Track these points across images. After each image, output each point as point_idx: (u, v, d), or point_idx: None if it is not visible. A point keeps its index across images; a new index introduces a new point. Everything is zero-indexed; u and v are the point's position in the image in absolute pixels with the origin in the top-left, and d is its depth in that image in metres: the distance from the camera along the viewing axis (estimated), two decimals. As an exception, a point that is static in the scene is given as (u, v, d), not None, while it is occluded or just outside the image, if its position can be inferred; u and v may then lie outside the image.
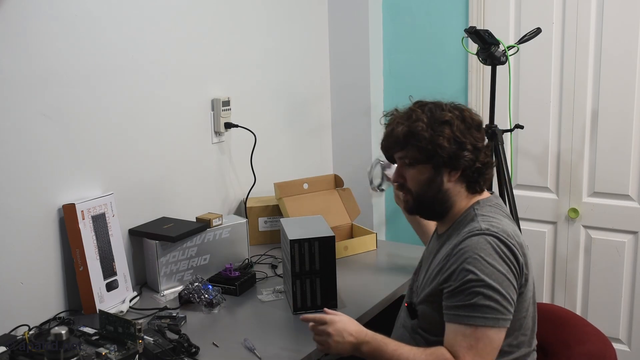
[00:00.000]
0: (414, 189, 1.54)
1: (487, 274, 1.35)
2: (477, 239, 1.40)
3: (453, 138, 1.46)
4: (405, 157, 1.53)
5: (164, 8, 2.13)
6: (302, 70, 2.87)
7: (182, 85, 2.24)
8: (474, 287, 1.35)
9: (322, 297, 1.85)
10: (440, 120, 1.48)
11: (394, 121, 1.55)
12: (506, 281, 1.36)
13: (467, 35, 2.25)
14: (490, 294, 1.34)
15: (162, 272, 2.03)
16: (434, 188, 1.51)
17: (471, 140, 1.48)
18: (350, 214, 2.58)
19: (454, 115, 1.49)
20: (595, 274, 2.66)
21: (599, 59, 2.51)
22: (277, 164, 2.74)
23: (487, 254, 1.37)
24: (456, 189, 1.52)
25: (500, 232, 1.41)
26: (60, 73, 1.81)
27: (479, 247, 1.38)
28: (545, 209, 2.73)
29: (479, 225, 1.43)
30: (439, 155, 1.46)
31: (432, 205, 1.54)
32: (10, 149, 1.70)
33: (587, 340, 1.54)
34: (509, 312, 1.36)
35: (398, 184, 1.59)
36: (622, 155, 2.52)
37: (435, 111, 1.50)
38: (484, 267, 1.36)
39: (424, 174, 1.51)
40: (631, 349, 2.63)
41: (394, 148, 1.56)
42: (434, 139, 1.46)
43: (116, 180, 2.01)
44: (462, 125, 1.48)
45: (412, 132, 1.48)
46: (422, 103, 1.55)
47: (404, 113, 1.54)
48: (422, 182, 1.51)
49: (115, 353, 1.49)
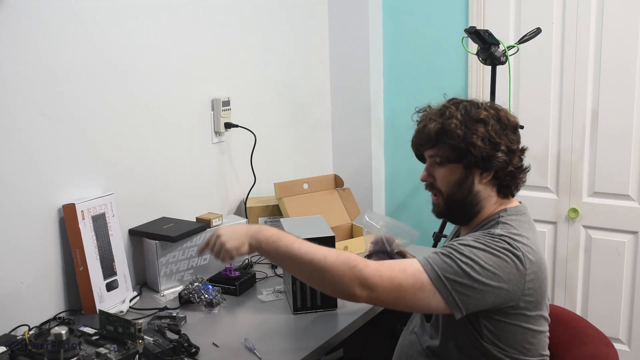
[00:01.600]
0: (444, 189, 1.47)
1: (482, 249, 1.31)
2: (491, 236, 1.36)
3: (487, 138, 1.40)
4: (436, 155, 1.47)
5: (164, 8, 2.13)
6: (302, 70, 2.87)
7: (182, 85, 2.24)
8: (450, 248, 1.33)
9: (322, 297, 1.85)
10: (475, 119, 1.42)
11: (426, 117, 1.49)
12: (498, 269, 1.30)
13: (467, 35, 2.25)
14: (455, 257, 1.30)
15: (162, 272, 2.03)
16: (464, 189, 1.45)
17: (506, 142, 1.42)
18: (350, 214, 2.58)
19: (489, 114, 1.43)
20: (595, 274, 2.66)
21: (599, 59, 2.51)
22: (277, 164, 2.74)
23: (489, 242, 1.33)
24: (486, 192, 1.46)
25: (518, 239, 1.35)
26: (60, 73, 1.81)
27: (478, 234, 1.36)
28: (545, 209, 2.73)
29: (494, 231, 1.38)
30: (472, 155, 1.40)
31: (462, 207, 1.47)
32: (10, 149, 1.70)
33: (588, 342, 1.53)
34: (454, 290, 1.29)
35: (427, 183, 1.53)
36: (622, 155, 2.52)
37: (470, 109, 1.44)
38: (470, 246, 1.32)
39: (455, 174, 1.45)
40: (631, 349, 2.63)
41: (425, 145, 1.49)
42: (467, 138, 1.40)
43: (116, 180, 2.01)
44: (497, 126, 1.42)
45: (445, 129, 1.43)
46: (456, 100, 1.50)
47: (437, 109, 1.49)
48: (453, 182, 1.45)
49: (115, 353, 1.49)
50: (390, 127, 3.06)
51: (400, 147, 3.04)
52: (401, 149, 3.04)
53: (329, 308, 1.86)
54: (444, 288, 1.29)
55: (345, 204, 2.60)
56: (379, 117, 3.04)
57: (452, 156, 1.43)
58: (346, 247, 2.36)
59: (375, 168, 3.05)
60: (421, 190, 3.04)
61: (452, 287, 1.29)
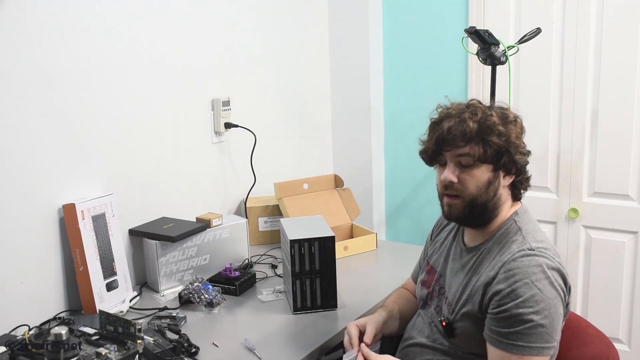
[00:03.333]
0: (471, 190, 1.41)
1: (537, 300, 1.29)
2: (529, 260, 1.33)
3: (519, 135, 1.43)
4: (467, 155, 1.39)
5: (164, 8, 2.13)
6: (302, 70, 2.88)
7: (182, 85, 2.24)
8: (522, 314, 1.29)
9: (322, 297, 1.85)
10: (508, 119, 1.42)
11: (458, 115, 1.42)
12: (554, 308, 1.30)
13: (467, 35, 2.25)
14: (537, 322, 1.28)
15: (162, 272, 2.03)
16: (491, 191, 1.41)
17: (524, 145, 1.45)
18: (350, 214, 2.59)
19: (515, 116, 1.45)
20: (595, 274, 2.66)
21: (599, 59, 2.51)
22: (277, 164, 2.74)
23: (538, 279, 1.30)
24: (505, 195, 1.45)
25: (550, 253, 1.35)
26: (60, 73, 1.81)
27: (531, 271, 1.31)
28: (545, 209, 2.73)
29: (528, 244, 1.37)
30: (506, 155, 1.39)
31: (484, 210, 1.43)
32: (11, 149, 1.70)
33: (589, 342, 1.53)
34: (554, 340, 1.31)
35: (445, 186, 1.44)
36: (622, 155, 2.52)
37: (499, 110, 1.44)
38: (534, 293, 1.29)
39: (485, 175, 1.40)
40: (631, 349, 2.63)
41: (455, 144, 1.40)
42: (506, 136, 1.39)
43: (116, 180, 2.01)
44: (520, 129, 1.45)
45: (487, 126, 1.39)
46: (478, 101, 1.47)
47: (465, 108, 1.44)
48: (482, 183, 1.41)
49: (115, 353, 1.49)
50: (390, 127, 3.06)
51: (400, 147, 3.04)
52: (401, 149, 3.04)
53: (329, 308, 1.86)
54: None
55: (345, 204, 2.60)
56: (379, 117, 3.04)
57: (486, 156, 1.39)
58: (346, 247, 2.36)
59: (375, 168, 3.05)
60: (421, 190, 3.06)
61: None
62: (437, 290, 1.57)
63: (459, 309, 1.44)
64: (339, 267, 1.90)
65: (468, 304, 1.42)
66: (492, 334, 1.34)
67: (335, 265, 1.84)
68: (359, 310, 1.85)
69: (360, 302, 1.90)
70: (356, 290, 2.01)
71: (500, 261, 1.38)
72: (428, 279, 1.62)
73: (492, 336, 1.34)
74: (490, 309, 1.35)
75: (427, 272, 1.64)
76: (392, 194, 3.13)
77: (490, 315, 1.35)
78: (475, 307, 1.39)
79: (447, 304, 1.50)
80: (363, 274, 2.20)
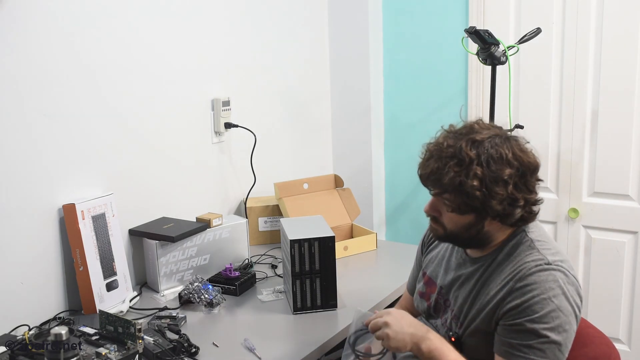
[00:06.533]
0: (451, 229, 1.39)
1: (553, 317, 1.27)
2: (546, 275, 1.29)
3: (507, 197, 1.30)
4: (445, 200, 1.35)
5: (164, 8, 2.13)
6: (302, 70, 2.87)
7: (182, 85, 2.24)
8: (537, 330, 1.27)
9: (322, 297, 1.85)
10: (497, 178, 1.29)
11: (439, 159, 1.33)
12: (568, 325, 1.29)
13: (467, 35, 2.25)
14: (552, 338, 1.26)
15: (162, 272, 2.03)
16: (472, 232, 1.37)
17: (525, 194, 1.32)
18: (350, 214, 2.59)
19: (513, 171, 1.30)
20: (595, 274, 2.66)
21: (599, 59, 2.51)
22: (277, 164, 2.74)
23: (556, 295, 1.28)
24: (496, 228, 1.38)
25: (566, 266, 1.32)
26: (60, 73, 1.81)
27: (549, 286, 1.28)
28: (545, 209, 2.71)
29: (545, 258, 1.32)
30: (489, 208, 1.31)
31: (467, 244, 1.43)
32: (10, 149, 1.70)
33: (590, 343, 1.53)
34: (564, 356, 1.29)
35: (431, 216, 1.43)
36: (622, 155, 2.52)
37: (493, 163, 1.29)
38: (551, 309, 1.27)
39: (464, 220, 1.35)
40: (631, 349, 2.63)
41: (433, 187, 1.37)
42: (485, 201, 1.29)
43: (116, 180, 2.01)
44: (519, 181, 1.31)
45: (462, 188, 1.30)
46: (478, 140, 1.32)
47: (453, 150, 1.32)
48: (461, 225, 1.36)
49: (115, 353, 1.49)
50: (390, 127, 3.06)
51: (400, 147, 3.04)
52: (401, 148, 3.04)
53: (329, 308, 1.86)
54: None
55: (345, 204, 2.60)
56: (379, 117, 3.04)
57: (464, 209, 1.33)
58: (346, 247, 2.36)
59: (375, 168, 3.05)
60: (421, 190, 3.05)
61: None
62: (441, 303, 1.52)
63: (469, 324, 1.41)
64: (339, 267, 1.90)
65: (478, 319, 1.38)
66: (503, 346, 1.31)
67: (335, 265, 1.84)
68: (359, 310, 1.85)
69: (360, 302, 1.90)
70: (356, 290, 2.01)
71: (513, 275, 1.33)
72: (427, 291, 1.58)
73: (503, 347, 1.31)
74: (503, 320, 1.32)
75: (425, 284, 1.59)
76: (392, 194, 3.13)
77: (503, 326, 1.32)
78: (485, 322, 1.36)
79: (454, 317, 1.46)
80: (363, 274, 2.20)
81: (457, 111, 2.84)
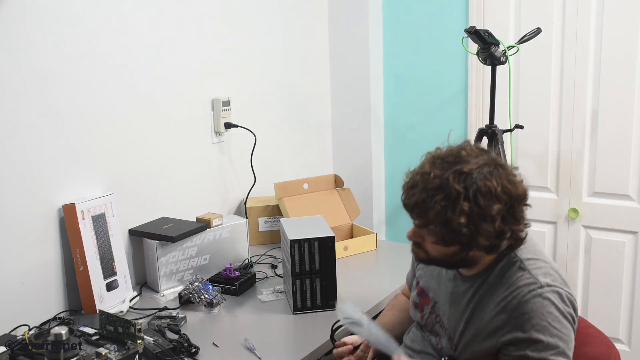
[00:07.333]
0: (434, 255, 1.35)
1: (557, 341, 1.26)
2: (542, 302, 1.27)
3: (494, 232, 1.26)
4: (430, 231, 1.31)
5: (164, 8, 2.13)
6: (302, 70, 2.87)
7: (182, 86, 2.24)
8: (542, 357, 1.26)
9: (322, 297, 1.85)
10: (485, 215, 1.24)
11: (426, 187, 1.27)
12: (570, 342, 1.28)
13: (467, 35, 2.25)
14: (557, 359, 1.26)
15: (162, 272, 2.03)
16: (457, 259, 1.34)
17: (512, 226, 1.28)
18: (350, 214, 2.59)
19: (501, 206, 1.25)
20: (595, 274, 2.66)
21: (599, 59, 2.51)
22: (277, 164, 2.74)
23: (554, 319, 1.26)
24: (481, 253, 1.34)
25: (560, 285, 1.30)
26: (60, 73, 1.81)
27: (546, 311, 1.26)
28: (545, 209, 2.73)
29: (537, 281, 1.29)
30: (473, 243, 1.28)
31: (452, 266, 1.40)
32: (10, 149, 1.70)
33: (590, 343, 1.52)
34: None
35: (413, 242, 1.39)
36: (622, 155, 2.52)
37: (481, 198, 1.23)
38: (552, 334, 1.26)
39: (449, 250, 1.32)
40: (631, 349, 2.63)
41: (417, 218, 1.32)
42: (472, 237, 1.26)
43: (116, 180, 2.01)
44: (508, 214, 1.26)
45: (448, 223, 1.25)
46: (466, 172, 1.25)
47: (442, 182, 1.26)
48: (445, 254, 1.33)
49: (115, 353, 1.49)
50: (390, 127, 3.05)
51: (400, 147, 3.03)
52: (401, 149, 3.03)
53: (329, 308, 1.86)
54: None
55: (345, 204, 2.60)
56: (379, 117, 3.04)
57: (449, 242, 1.29)
58: (346, 247, 2.36)
59: (375, 168, 3.05)
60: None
61: None
62: (433, 318, 1.50)
63: (465, 347, 1.39)
64: (339, 267, 1.90)
65: (475, 344, 1.36)
66: None
67: (335, 265, 1.84)
68: (359, 310, 1.85)
69: (360, 302, 1.90)
70: (356, 290, 2.01)
71: (508, 301, 1.30)
72: (420, 302, 1.55)
73: None
74: (506, 350, 1.30)
75: (419, 294, 1.56)
76: (392, 194, 3.13)
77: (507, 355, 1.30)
78: (485, 348, 1.34)
79: (448, 337, 1.44)
80: (363, 274, 2.20)
81: (457, 111, 2.84)
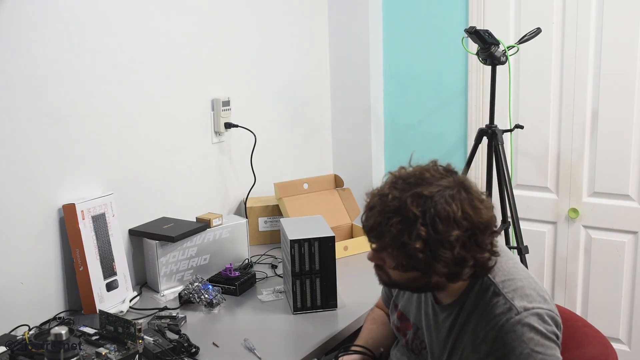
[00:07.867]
0: (396, 279, 1.30)
1: None
2: (521, 329, 1.21)
3: (453, 259, 1.19)
4: (388, 254, 1.25)
5: (164, 8, 2.13)
6: (302, 70, 2.88)
7: (182, 86, 2.24)
8: None
9: (322, 297, 1.85)
10: (442, 241, 1.17)
11: (383, 210, 1.21)
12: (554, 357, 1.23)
13: (467, 35, 2.25)
14: None
15: (162, 272, 2.03)
16: (419, 284, 1.27)
17: (475, 253, 1.21)
18: (350, 214, 2.59)
19: (460, 232, 1.18)
20: (595, 274, 2.66)
21: (599, 59, 2.51)
22: (277, 164, 2.74)
23: (537, 344, 1.20)
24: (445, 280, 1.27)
25: (538, 304, 1.24)
26: (60, 73, 1.81)
27: (527, 338, 1.20)
28: (545, 209, 2.73)
29: (514, 307, 1.23)
30: (433, 271, 1.22)
31: (418, 291, 1.37)
32: (11, 149, 1.70)
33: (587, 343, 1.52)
34: None
35: (375, 264, 1.33)
36: (622, 155, 2.52)
37: (439, 223, 1.17)
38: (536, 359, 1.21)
39: (409, 275, 1.25)
40: (631, 349, 2.63)
41: (374, 241, 1.26)
42: (429, 263, 1.20)
43: (116, 180, 2.01)
44: (468, 241, 1.19)
45: (404, 248, 1.19)
46: (425, 195, 1.19)
47: (399, 205, 1.20)
48: (406, 279, 1.27)
49: (115, 353, 1.49)
50: (390, 127, 3.06)
51: (400, 147, 3.03)
52: (401, 149, 3.04)
53: (329, 308, 1.86)
54: None
55: (345, 204, 2.60)
56: (379, 117, 3.04)
57: (407, 267, 1.23)
58: (346, 247, 2.36)
59: (375, 168, 3.05)
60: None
61: None
62: (418, 344, 1.45)
63: None
64: (339, 267, 1.90)
65: None
66: None
67: (335, 265, 1.84)
68: (359, 310, 1.85)
69: (360, 302, 1.90)
70: (356, 290, 2.01)
71: (487, 332, 1.25)
72: (402, 327, 1.50)
73: None
74: None
75: (399, 319, 1.51)
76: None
77: None
78: None
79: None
80: (363, 274, 2.20)
81: (457, 111, 2.84)
